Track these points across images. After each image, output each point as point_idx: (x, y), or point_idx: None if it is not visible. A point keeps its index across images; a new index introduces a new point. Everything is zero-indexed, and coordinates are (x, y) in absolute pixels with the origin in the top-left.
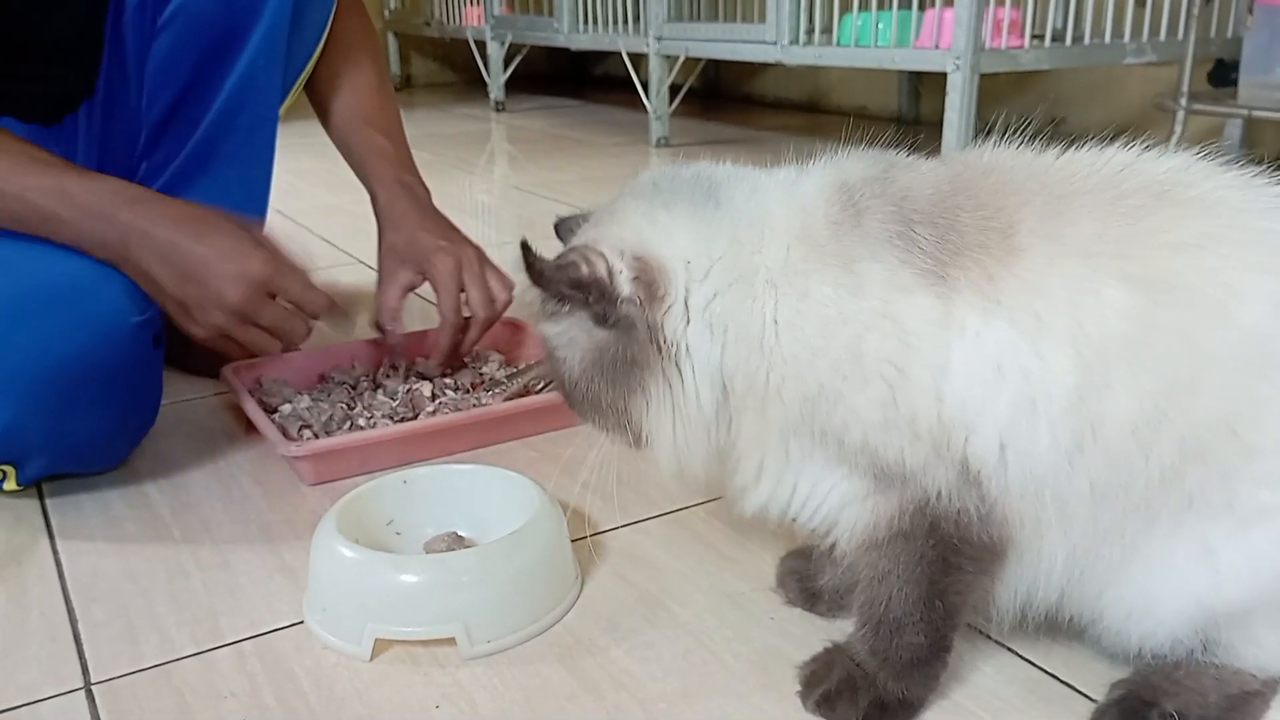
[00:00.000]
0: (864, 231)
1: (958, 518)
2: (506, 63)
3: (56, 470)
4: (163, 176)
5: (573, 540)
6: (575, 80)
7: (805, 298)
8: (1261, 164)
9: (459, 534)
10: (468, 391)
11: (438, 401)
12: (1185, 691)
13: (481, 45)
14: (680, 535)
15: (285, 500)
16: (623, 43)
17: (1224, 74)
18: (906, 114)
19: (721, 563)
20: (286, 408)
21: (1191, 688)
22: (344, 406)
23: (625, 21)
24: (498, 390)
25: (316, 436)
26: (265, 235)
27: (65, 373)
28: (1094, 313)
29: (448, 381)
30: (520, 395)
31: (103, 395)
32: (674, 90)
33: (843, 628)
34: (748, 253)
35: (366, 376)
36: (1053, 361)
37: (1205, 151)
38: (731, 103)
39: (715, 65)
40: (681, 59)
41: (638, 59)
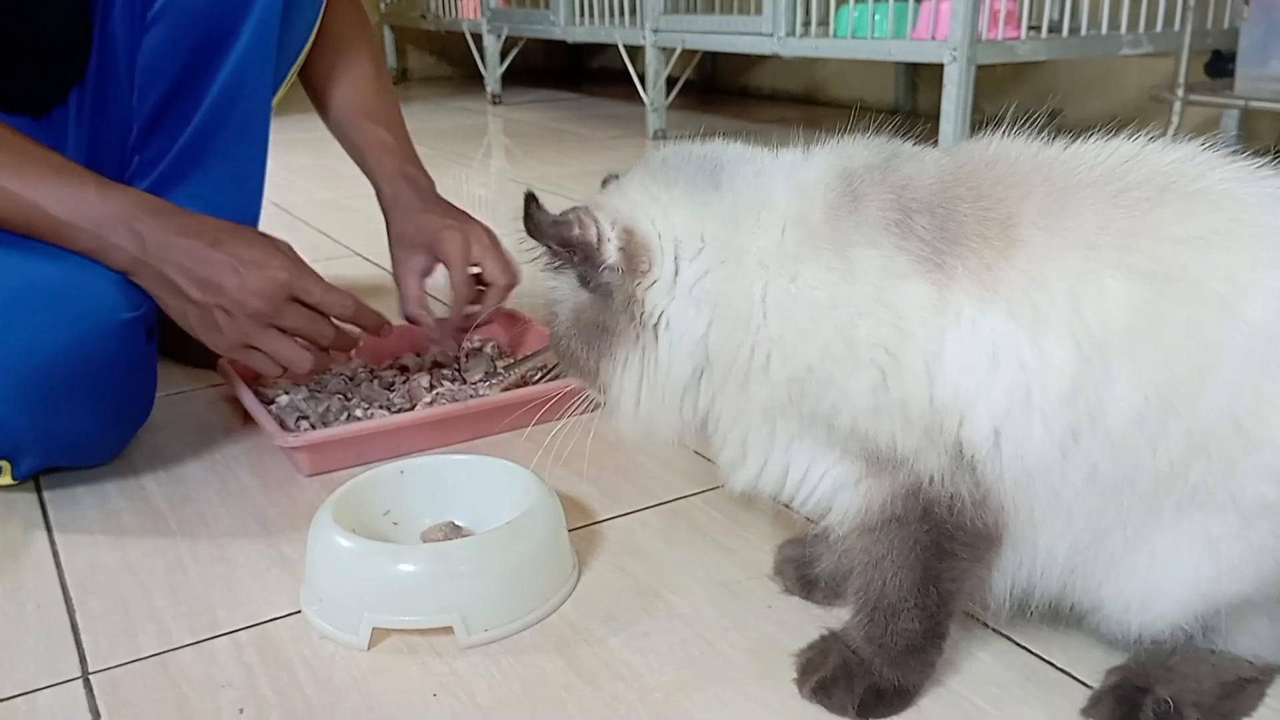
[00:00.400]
0: (861, 218)
1: (951, 503)
2: (503, 56)
3: (50, 465)
4: (155, 171)
5: (570, 530)
6: (572, 73)
7: (796, 280)
8: (1262, 155)
9: (456, 524)
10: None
11: (435, 392)
12: (1180, 678)
13: (478, 38)
14: (677, 525)
15: (282, 491)
16: (619, 35)
17: (1221, 65)
18: (903, 106)
19: (718, 552)
20: (284, 399)
21: (1187, 674)
22: (341, 398)
23: (622, 14)
24: (495, 381)
25: (314, 428)
26: (285, 244)
27: (55, 369)
28: (1095, 305)
29: (445, 372)
30: (518, 386)
31: (94, 391)
32: (671, 83)
33: (839, 615)
34: (742, 233)
35: (364, 368)
36: (1050, 352)
37: (1209, 143)
38: (728, 95)
39: (712, 57)
40: (678, 51)
41: (634, 51)
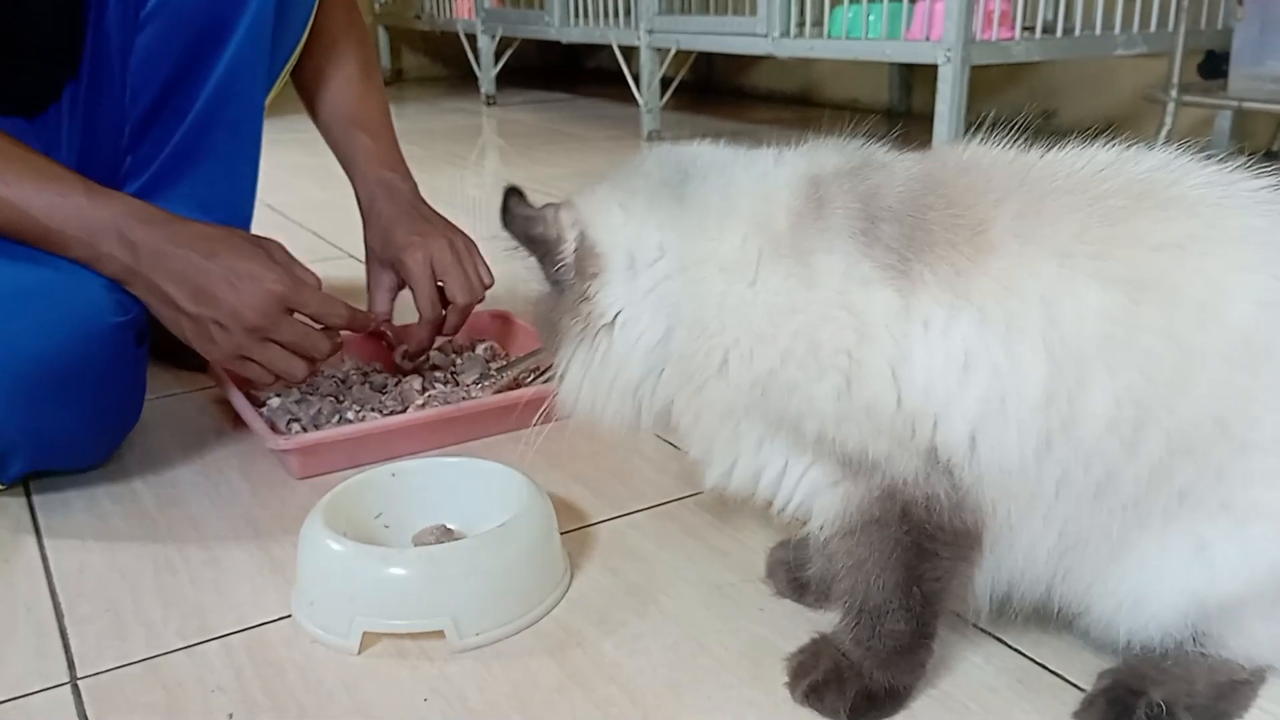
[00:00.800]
0: (824, 225)
1: (928, 504)
2: (497, 56)
3: (38, 468)
4: (148, 171)
5: (562, 533)
6: (566, 74)
7: (754, 285)
8: (1249, 156)
9: (448, 527)
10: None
11: (427, 395)
12: (1173, 681)
13: (472, 38)
14: (669, 527)
15: (273, 495)
16: (614, 36)
17: (1214, 66)
18: (898, 106)
19: (711, 555)
20: (275, 402)
21: (1179, 677)
22: (332, 400)
23: (616, 14)
24: (488, 383)
25: (305, 430)
26: (280, 249)
27: (44, 373)
28: (1070, 313)
29: (438, 374)
30: (510, 388)
31: (83, 395)
32: (665, 83)
33: (831, 618)
34: (704, 240)
35: (356, 370)
36: (1023, 360)
37: (1185, 148)
38: (723, 96)
39: (707, 58)
40: (673, 52)
41: (629, 52)
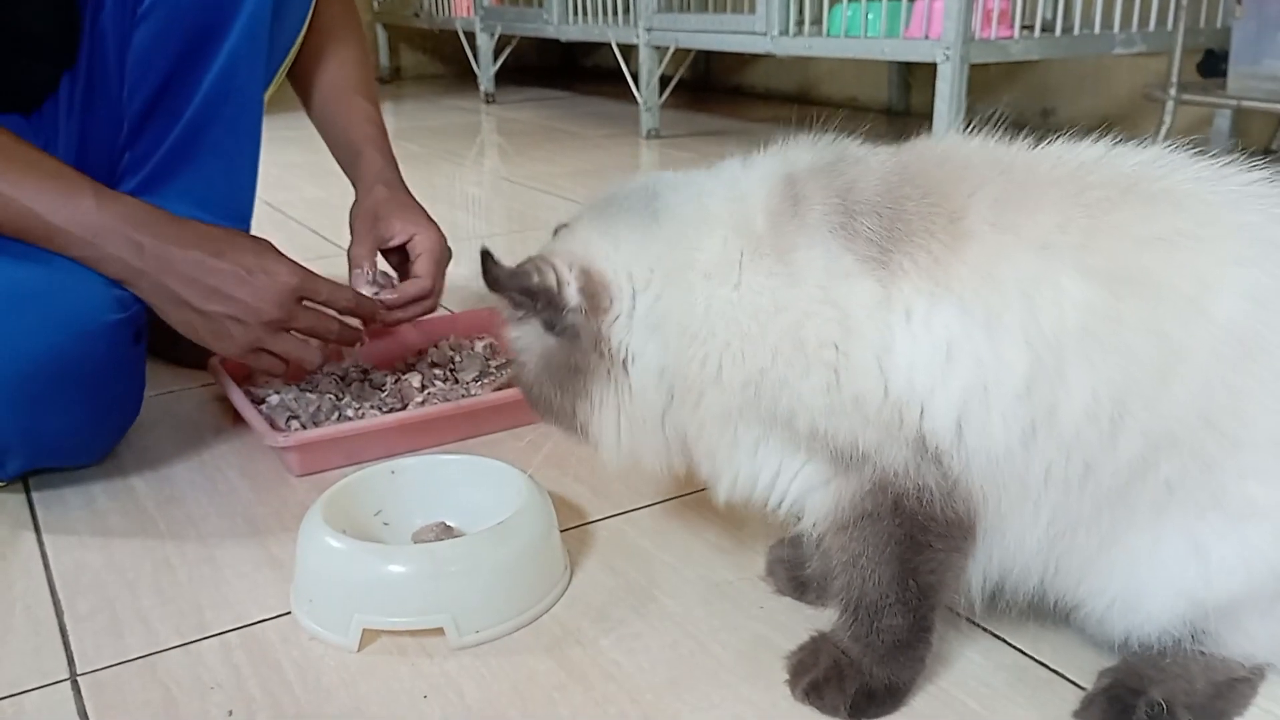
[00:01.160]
0: (803, 221)
1: (919, 494)
2: (496, 54)
3: (37, 466)
4: (146, 168)
5: (561, 531)
6: (565, 72)
7: (738, 287)
8: (1248, 155)
9: (447, 524)
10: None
11: (426, 392)
12: (1172, 679)
13: (471, 37)
14: (669, 526)
15: (272, 492)
16: (613, 34)
17: (1213, 64)
18: (897, 105)
19: (710, 553)
20: (274, 399)
21: (1178, 675)
22: (332, 397)
23: (615, 12)
24: (487, 380)
25: (304, 427)
26: (269, 245)
27: (41, 370)
28: (1049, 304)
29: (437, 371)
30: (509, 385)
31: (81, 393)
32: (664, 82)
33: (831, 616)
34: (684, 251)
35: (355, 367)
36: (1004, 349)
37: (1175, 145)
38: (722, 94)
39: (706, 56)
40: (672, 50)
41: (628, 50)
